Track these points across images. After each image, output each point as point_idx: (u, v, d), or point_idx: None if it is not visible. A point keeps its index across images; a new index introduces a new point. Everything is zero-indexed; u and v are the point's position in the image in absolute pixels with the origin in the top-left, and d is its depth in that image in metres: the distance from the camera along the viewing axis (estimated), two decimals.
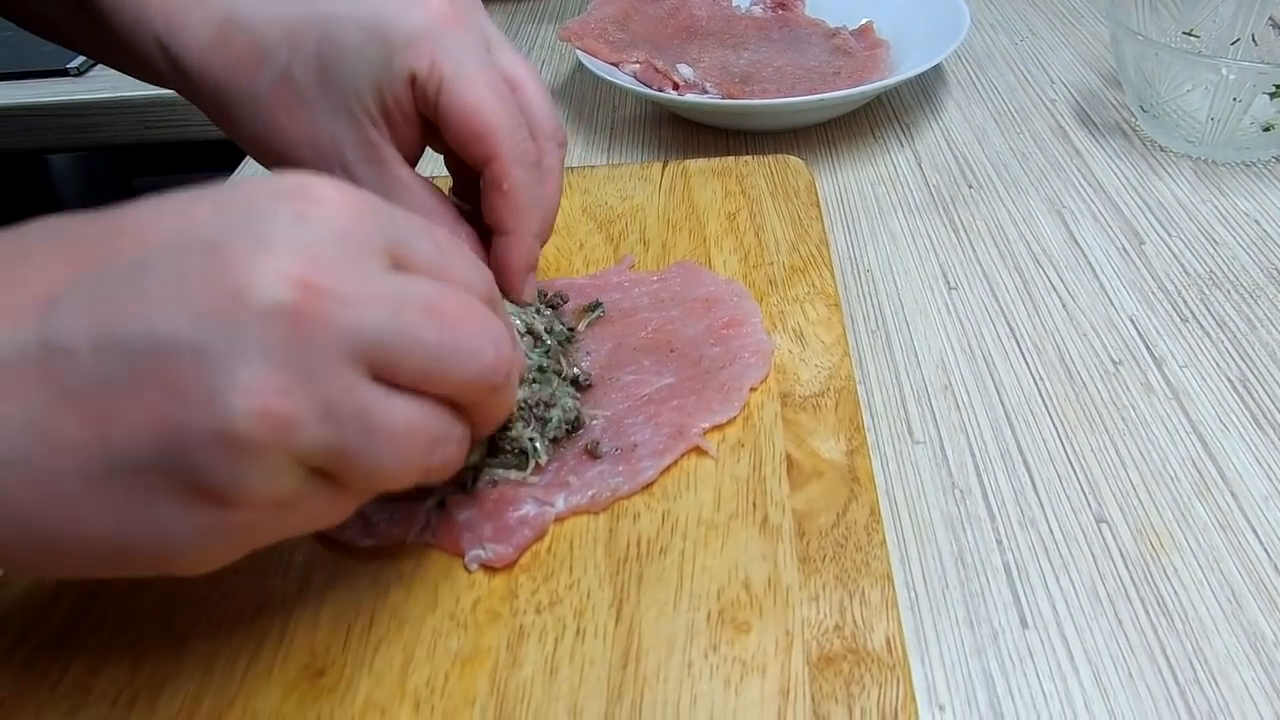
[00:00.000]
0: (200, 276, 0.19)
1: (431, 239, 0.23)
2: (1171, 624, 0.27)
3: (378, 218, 0.22)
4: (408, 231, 0.23)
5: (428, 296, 0.22)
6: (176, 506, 0.20)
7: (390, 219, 0.23)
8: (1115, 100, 0.53)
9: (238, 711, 0.25)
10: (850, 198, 0.47)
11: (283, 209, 0.20)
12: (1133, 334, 0.37)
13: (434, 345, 0.22)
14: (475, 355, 0.23)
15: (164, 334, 0.19)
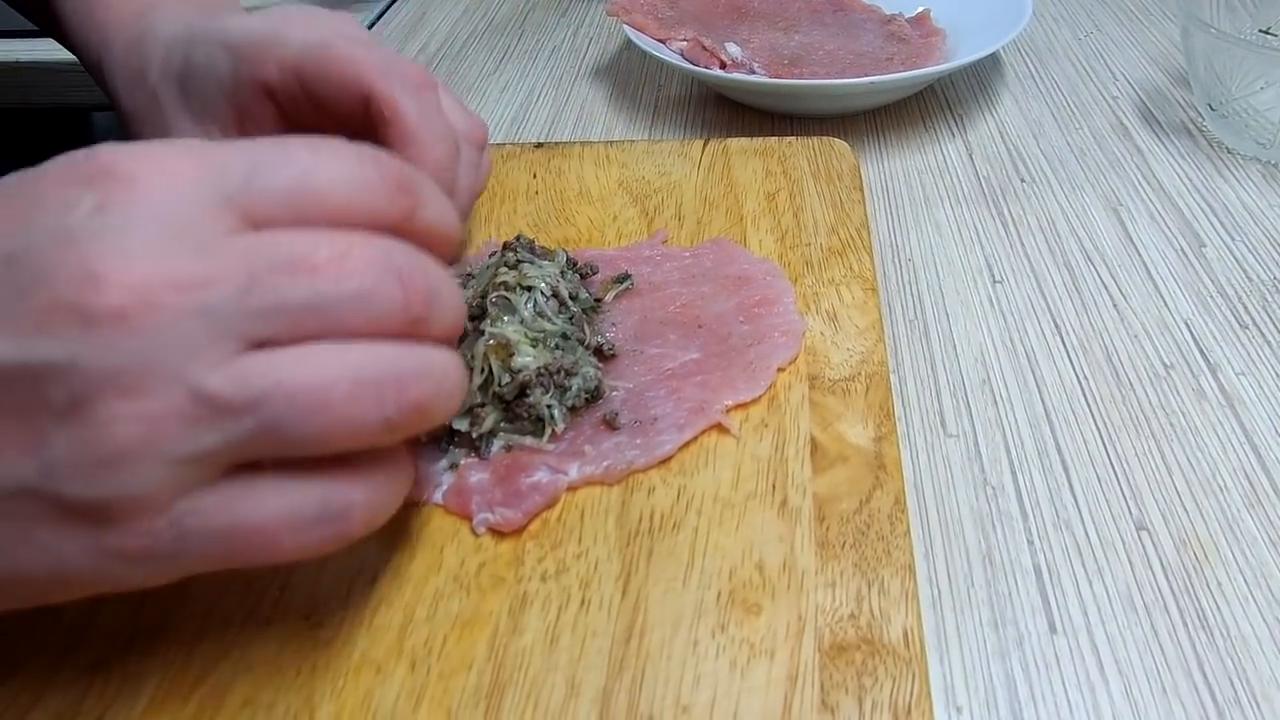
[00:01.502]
0: (9, 299, 0.18)
1: (288, 159, 0.20)
2: (1212, 640, 0.25)
3: (204, 175, 0.19)
4: (250, 171, 0.20)
5: (287, 251, 0.19)
6: (55, 530, 0.19)
7: (222, 168, 0.19)
8: (1182, 99, 0.51)
9: (234, 659, 0.25)
10: (896, 185, 0.46)
11: (83, 200, 0.18)
12: (1187, 338, 0.36)
13: (311, 303, 0.19)
14: (372, 297, 0.20)
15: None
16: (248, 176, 0.19)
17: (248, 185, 0.19)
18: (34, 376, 0.18)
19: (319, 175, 0.20)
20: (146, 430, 0.18)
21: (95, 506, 0.18)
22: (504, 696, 0.23)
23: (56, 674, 0.24)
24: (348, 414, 0.19)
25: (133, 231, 0.18)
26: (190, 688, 0.24)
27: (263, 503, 0.19)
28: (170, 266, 0.18)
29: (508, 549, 0.27)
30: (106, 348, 0.17)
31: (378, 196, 0.21)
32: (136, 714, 0.23)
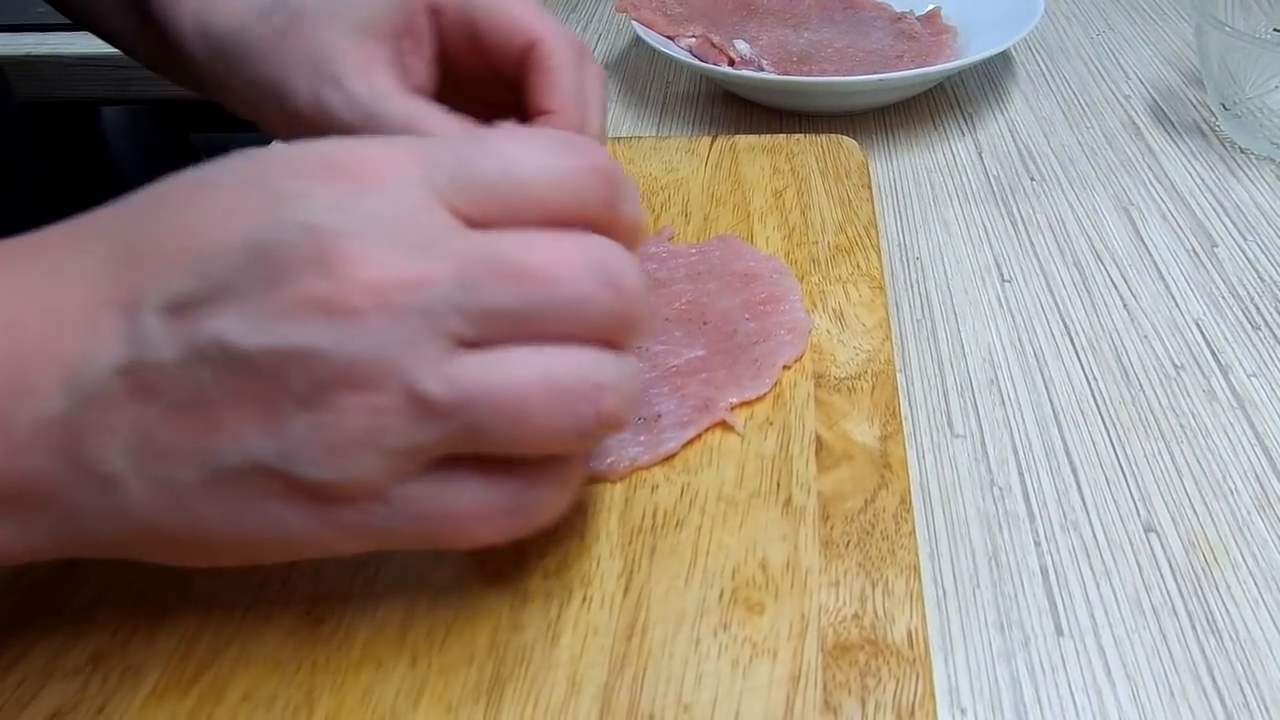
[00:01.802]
0: (259, 288, 0.19)
1: (494, 153, 0.20)
2: (1221, 643, 0.25)
3: (421, 173, 0.20)
4: (459, 167, 0.20)
5: (502, 254, 0.19)
6: (284, 504, 0.20)
7: (435, 165, 0.20)
8: (1195, 99, 0.51)
9: (234, 652, 0.25)
10: (904, 184, 0.45)
11: (322, 195, 0.19)
12: (1198, 338, 0.35)
13: (523, 310, 0.20)
14: (583, 303, 0.20)
15: (234, 345, 0.19)
16: (457, 173, 0.20)
17: (458, 182, 0.20)
18: (280, 363, 0.19)
19: (525, 167, 0.20)
20: (372, 423, 0.19)
21: (323, 487, 0.20)
22: (504, 692, 0.23)
23: (58, 665, 0.24)
24: (545, 423, 0.20)
25: (368, 229, 0.19)
26: (190, 680, 0.24)
27: (461, 495, 0.21)
28: (399, 266, 0.19)
29: (510, 544, 0.27)
30: (345, 341, 0.19)
31: (583, 187, 0.21)
32: (137, 705, 0.23)
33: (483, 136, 0.21)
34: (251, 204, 0.19)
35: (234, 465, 0.19)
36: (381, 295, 0.19)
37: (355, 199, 0.19)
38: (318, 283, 0.19)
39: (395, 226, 0.19)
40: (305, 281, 0.19)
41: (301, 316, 0.19)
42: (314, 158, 0.20)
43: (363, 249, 0.19)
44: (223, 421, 0.19)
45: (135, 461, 0.19)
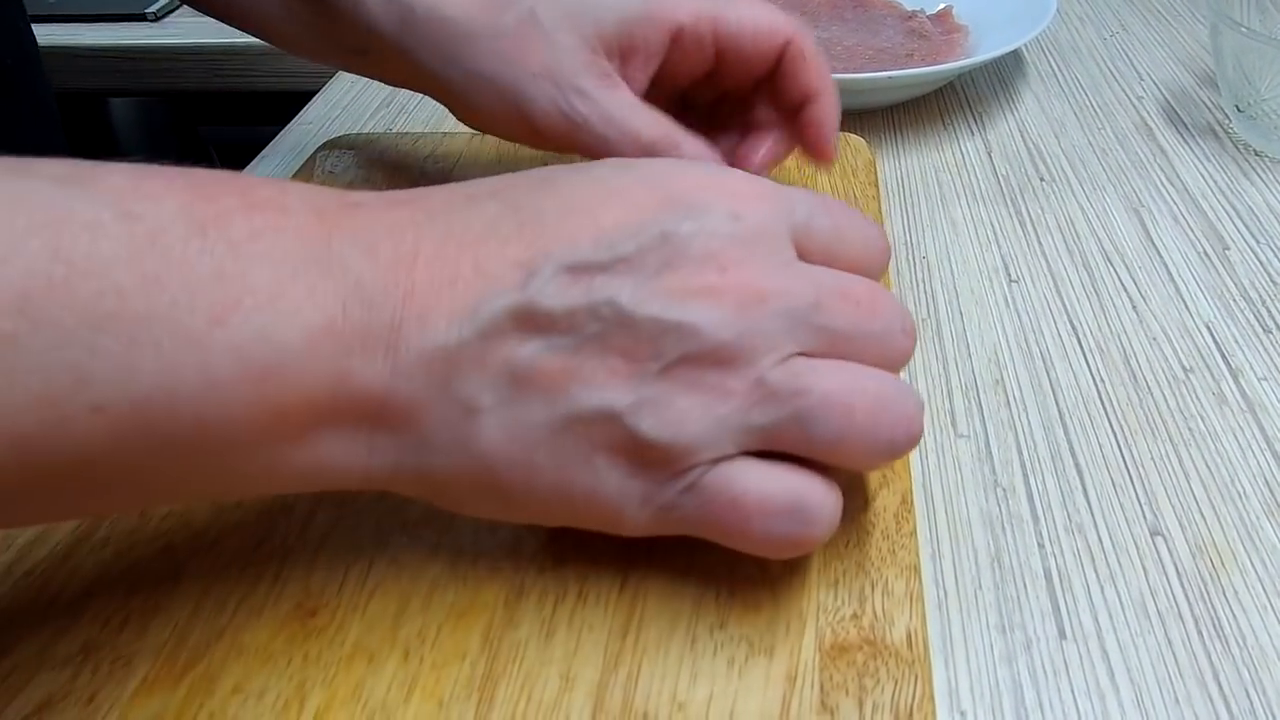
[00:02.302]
0: (656, 268, 0.22)
1: (830, 211, 0.25)
2: (1228, 649, 0.25)
3: (780, 208, 0.24)
4: (809, 215, 0.24)
5: (841, 284, 0.24)
6: (609, 458, 0.22)
7: (789, 206, 0.24)
8: (1209, 101, 0.50)
9: (226, 644, 0.24)
10: (912, 183, 0.45)
11: (721, 208, 0.23)
12: (1208, 341, 0.35)
13: (851, 331, 0.23)
14: (889, 336, 0.24)
15: (628, 307, 0.22)
16: (808, 219, 0.24)
17: (807, 226, 0.24)
18: (661, 331, 0.22)
19: (852, 232, 0.25)
20: (722, 396, 0.22)
21: (655, 447, 0.22)
22: (497, 688, 0.23)
23: (48, 655, 0.24)
24: (865, 426, 0.22)
25: (752, 241, 0.23)
26: (181, 672, 0.24)
27: (749, 478, 0.23)
28: (774, 278, 0.23)
29: (505, 539, 0.27)
30: (721, 325, 0.22)
31: (876, 259, 0.26)
32: (127, 696, 0.23)
33: (824, 199, 0.25)
34: (655, 201, 0.23)
35: (585, 411, 0.22)
36: (760, 295, 0.22)
37: (743, 217, 0.23)
38: (710, 274, 0.22)
39: (771, 247, 0.23)
40: (699, 271, 0.22)
41: (690, 298, 0.22)
42: (705, 177, 0.24)
43: (749, 257, 0.23)
44: (590, 371, 0.22)
45: (499, 396, 0.22)
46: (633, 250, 0.22)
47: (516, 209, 0.23)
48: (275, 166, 0.49)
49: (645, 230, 0.22)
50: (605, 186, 0.24)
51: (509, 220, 0.23)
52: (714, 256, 0.22)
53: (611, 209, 0.23)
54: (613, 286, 0.22)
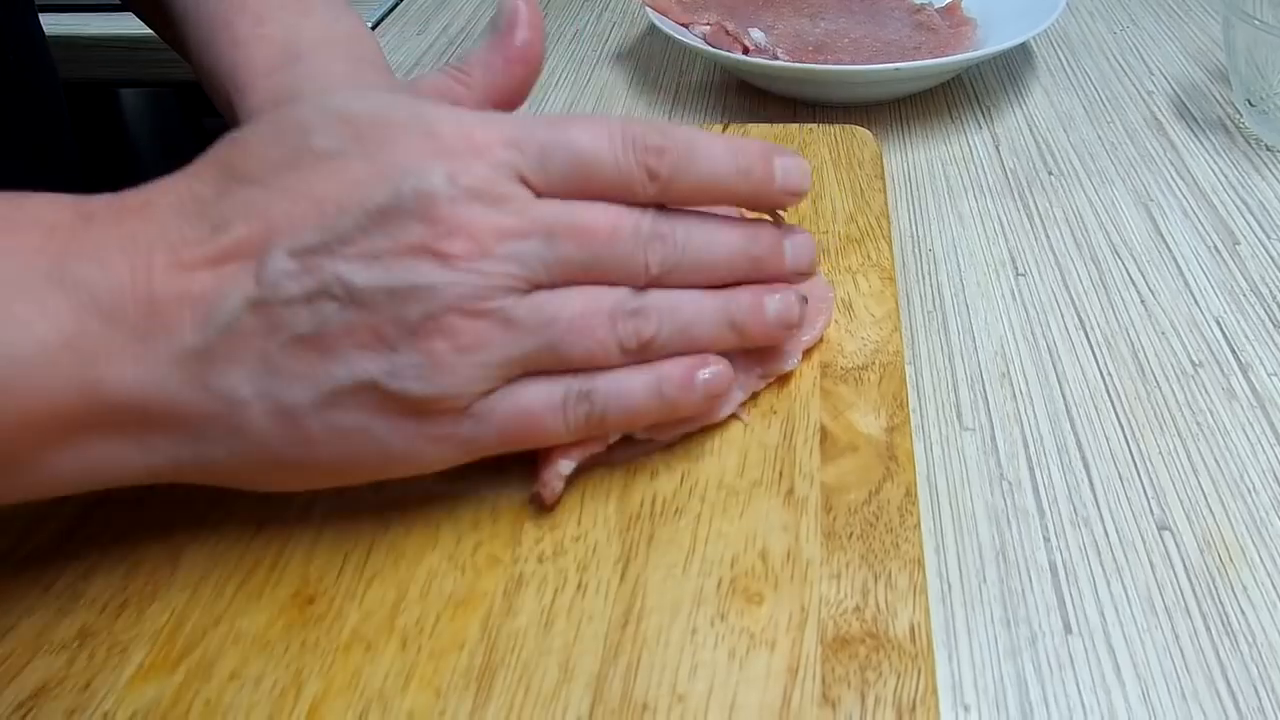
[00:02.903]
0: (380, 240, 0.23)
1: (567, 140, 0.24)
2: (1235, 645, 0.24)
3: (509, 153, 0.24)
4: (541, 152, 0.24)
5: (575, 219, 0.24)
6: (385, 419, 0.23)
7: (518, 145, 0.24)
8: (1219, 96, 0.50)
9: (223, 630, 0.24)
10: (919, 176, 0.45)
11: (437, 170, 0.23)
12: (1217, 336, 0.34)
13: (588, 261, 0.24)
14: (629, 260, 0.25)
15: (357, 283, 0.22)
16: (540, 161, 0.24)
17: (542, 167, 0.24)
18: (397, 298, 0.22)
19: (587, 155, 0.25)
20: (474, 343, 0.23)
21: (422, 402, 0.23)
22: (495, 678, 0.23)
23: (45, 640, 0.24)
24: (603, 339, 0.25)
25: (473, 198, 0.23)
26: (178, 658, 0.23)
27: (528, 392, 0.25)
28: (497, 224, 0.23)
29: (505, 528, 0.26)
30: (455, 282, 0.23)
31: (632, 173, 0.25)
32: (123, 682, 0.23)
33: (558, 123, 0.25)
34: (372, 175, 0.23)
35: (345, 385, 0.23)
36: (485, 246, 0.23)
37: (459, 177, 0.23)
38: (434, 237, 0.23)
39: (491, 194, 0.23)
40: (423, 236, 0.23)
41: (419, 263, 0.22)
42: (420, 132, 0.23)
43: (467, 210, 0.23)
44: (338, 348, 0.23)
45: (258, 386, 0.23)
46: (352, 227, 0.23)
47: (238, 197, 0.23)
48: None
49: (365, 205, 0.23)
50: (323, 161, 0.23)
51: (234, 211, 0.23)
52: (437, 221, 0.23)
53: (329, 184, 0.23)
54: (339, 266, 0.22)
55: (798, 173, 0.27)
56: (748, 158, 0.26)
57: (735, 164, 0.26)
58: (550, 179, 0.24)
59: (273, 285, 0.22)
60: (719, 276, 0.27)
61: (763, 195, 0.27)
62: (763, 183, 0.27)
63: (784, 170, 0.27)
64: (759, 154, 0.27)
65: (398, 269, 0.23)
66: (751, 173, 0.26)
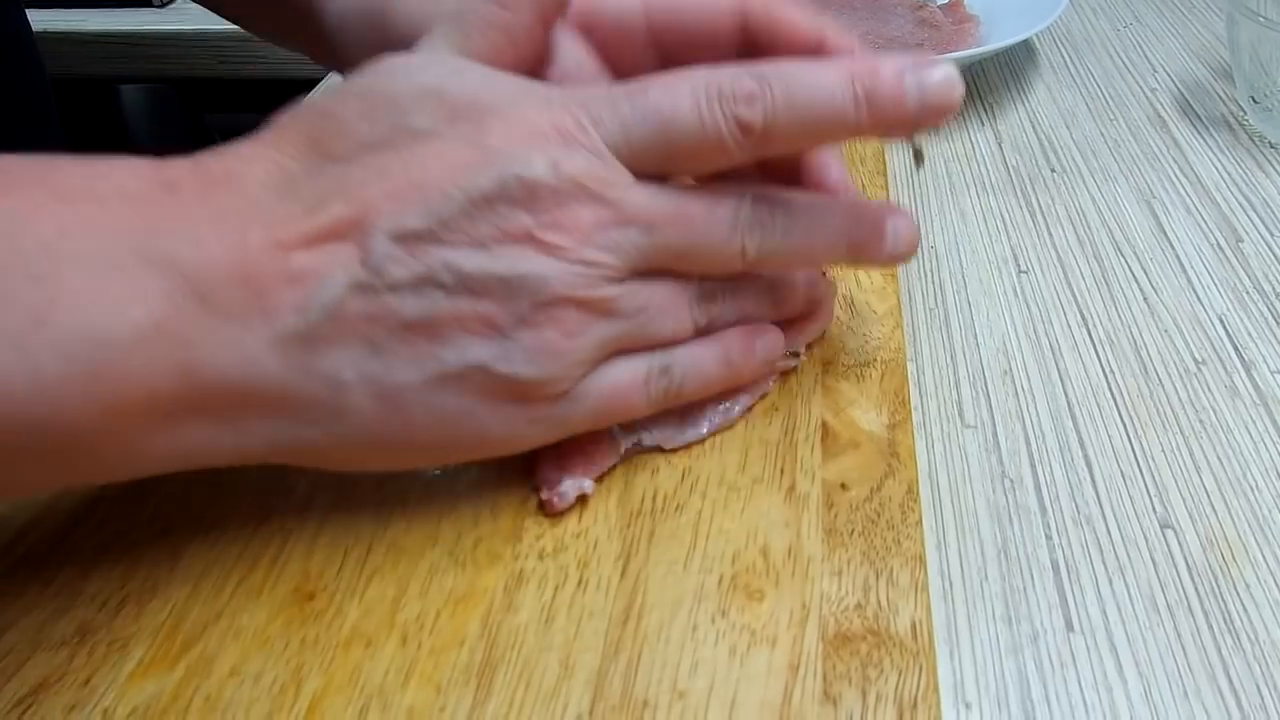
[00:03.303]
0: (487, 227, 0.22)
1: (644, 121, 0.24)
2: (1238, 643, 0.24)
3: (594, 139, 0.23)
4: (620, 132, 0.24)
5: (672, 206, 0.24)
6: (488, 401, 0.23)
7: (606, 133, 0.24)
8: (1223, 93, 0.49)
9: (223, 626, 0.24)
10: (921, 173, 0.45)
11: (540, 160, 0.23)
12: (1220, 334, 0.34)
13: (687, 249, 0.25)
14: (726, 246, 0.25)
15: (468, 270, 0.22)
16: (624, 131, 0.24)
17: (626, 139, 0.24)
18: (508, 287, 0.23)
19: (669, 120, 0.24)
20: (579, 329, 0.24)
21: (532, 384, 0.23)
22: (495, 674, 0.23)
23: (44, 636, 0.24)
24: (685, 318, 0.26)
25: (576, 185, 0.23)
26: (178, 654, 0.23)
27: (616, 369, 0.25)
28: (598, 215, 0.23)
29: (506, 525, 0.26)
30: (563, 272, 0.23)
31: (719, 130, 0.24)
32: (123, 678, 0.23)
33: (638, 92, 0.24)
34: (473, 159, 0.23)
35: (452, 369, 0.23)
36: (587, 235, 0.23)
37: (561, 164, 0.23)
38: (535, 224, 0.23)
39: (591, 182, 0.23)
40: (525, 222, 0.22)
41: (522, 249, 0.23)
42: (519, 125, 0.23)
43: (570, 200, 0.23)
44: (447, 333, 0.22)
45: (362, 369, 0.22)
46: (457, 212, 0.22)
47: (331, 175, 0.23)
48: None
49: (468, 190, 0.22)
50: (420, 142, 0.23)
51: (328, 190, 0.22)
52: (542, 210, 0.23)
53: (428, 166, 0.22)
54: (446, 253, 0.22)
55: (941, 82, 0.24)
56: (869, 80, 0.23)
57: (850, 92, 0.23)
58: (637, 153, 0.24)
59: (378, 269, 0.22)
60: (817, 261, 0.28)
61: (897, 122, 0.24)
62: (894, 106, 0.23)
63: (921, 83, 0.24)
64: (889, 72, 0.23)
65: (506, 258, 0.22)
66: (877, 97, 0.23)
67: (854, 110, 0.23)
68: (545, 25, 0.27)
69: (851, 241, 0.26)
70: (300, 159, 0.23)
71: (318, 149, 0.23)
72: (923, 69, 0.24)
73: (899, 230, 0.26)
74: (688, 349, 0.26)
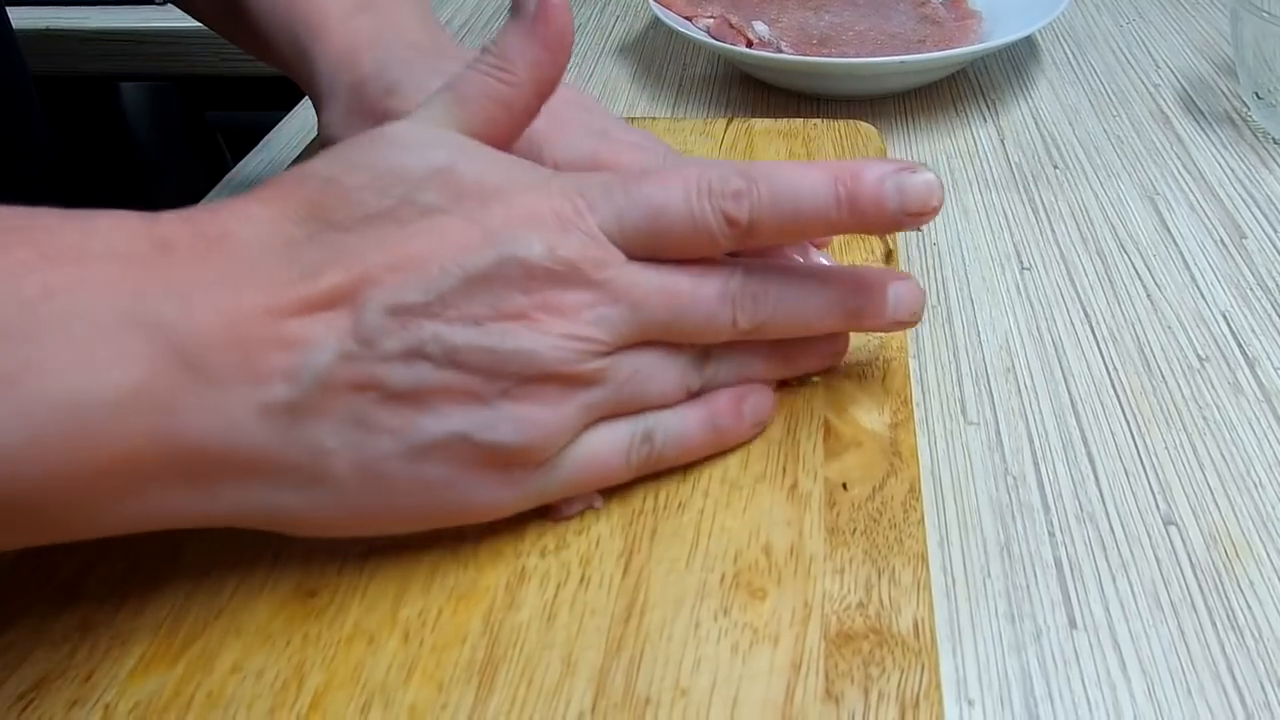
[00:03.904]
0: (480, 304, 0.23)
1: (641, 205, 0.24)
2: (1242, 640, 0.24)
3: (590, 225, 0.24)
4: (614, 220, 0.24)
5: (658, 283, 0.24)
6: (470, 470, 0.23)
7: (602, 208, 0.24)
8: (1227, 89, 0.49)
9: (224, 623, 0.24)
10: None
11: (536, 241, 0.23)
12: (1224, 330, 0.34)
13: (674, 322, 0.25)
14: (715, 318, 0.25)
15: (457, 344, 0.22)
16: (618, 217, 0.24)
17: (619, 224, 0.24)
18: (494, 360, 0.23)
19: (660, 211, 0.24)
20: (562, 399, 0.24)
21: (514, 452, 0.23)
22: (497, 672, 0.23)
23: (45, 632, 0.24)
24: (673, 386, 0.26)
25: (569, 267, 0.23)
26: (179, 650, 0.23)
27: (596, 436, 0.25)
28: (590, 295, 0.24)
29: (508, 522, 0.26)
30: (550, 347, 0.23)
31: (708, 223, 0.24)
32: (124, 674, 0.23)
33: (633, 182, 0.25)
34: (473, 238, 0.23)
35: (436, 439, 0.23)
36: (577, 314, 0.23)
37: (558, 248, 0.23)
38: (528, 303, 0.23)
39: (584, 264, 0.24)
40: (519, 302, 0.23)
41: (517, 327, 0.23)
42: (518, 208, 0.24)
43: (563, 282, 0.23)
44: (432, 404, 0.22)
45: (346, 437, 0.22)
46: (453, 289, 0.22)
47: (330, 242, 0.23)
48: (280, 151, 0.48)
49: (466, 268, 0.23)
50: (424, 217, 0.23)
51: (327, 258, 0.22)
52: (536, 290, 0.23)
53: (429, 242, 0.23)
54: (440, 326, 0.22)
55: (921, 188, 0.24)
56: (851, 183, 0.24)
57: (832, 192, 0.24)
58: (630, 238, 0.24)
59: (369, 340, 0.22)
60: (814, 329, 0.27)
61: (876, 222, 0.25)
62: (874, 208, 0.24)
63: (901, 187, 0.24)
64: (870, 176, 0.24)
65: (495, 333, 0.23)
66: (858, 199, 0.24)
67: (836, 210, 0.24)
68: (541, 98, 0.27)
69: (849, 309, 0.27)
70: (301, 224, 0.23)
71: (319, 215, 0.23)
72: (904, 173, 0.25)
73: (900, 296, 0.27)
74: (673, 414, 0.26)
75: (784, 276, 0.26)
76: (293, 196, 0.23)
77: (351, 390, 0.22)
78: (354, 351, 0.22)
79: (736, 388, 0.27)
